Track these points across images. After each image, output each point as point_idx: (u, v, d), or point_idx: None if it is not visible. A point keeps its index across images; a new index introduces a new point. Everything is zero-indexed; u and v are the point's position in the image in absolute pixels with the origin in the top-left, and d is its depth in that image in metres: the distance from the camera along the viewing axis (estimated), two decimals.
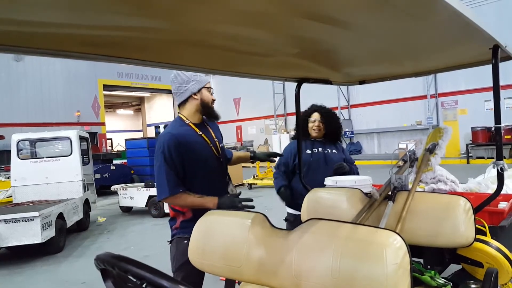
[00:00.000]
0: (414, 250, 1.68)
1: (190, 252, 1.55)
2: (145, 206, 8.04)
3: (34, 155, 7.40)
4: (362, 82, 2.66)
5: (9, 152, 7.21)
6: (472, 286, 1.71)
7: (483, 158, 13.53)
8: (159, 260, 2.33)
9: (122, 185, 9.29)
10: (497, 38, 1.61)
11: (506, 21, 13.12)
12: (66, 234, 6.14)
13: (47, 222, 5.32)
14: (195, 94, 2.15)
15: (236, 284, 1.69)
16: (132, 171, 12.62)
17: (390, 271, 1.07)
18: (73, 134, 7.31)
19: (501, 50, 1.73)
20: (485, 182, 2.92)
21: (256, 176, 11.46)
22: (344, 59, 2.01)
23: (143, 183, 8.90)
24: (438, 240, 1.72)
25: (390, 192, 1.97)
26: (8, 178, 8.58)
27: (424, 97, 16.70)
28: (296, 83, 2.53)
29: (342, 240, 1.22)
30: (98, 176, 10.77)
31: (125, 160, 13.79)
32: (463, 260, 1.87)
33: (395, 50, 1.82)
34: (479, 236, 1.76)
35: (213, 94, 2.24)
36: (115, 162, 13.20)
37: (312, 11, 1.18)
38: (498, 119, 1.83)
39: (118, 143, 24.33)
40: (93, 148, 11.26)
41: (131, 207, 8.65)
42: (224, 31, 1.33)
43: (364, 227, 1.26)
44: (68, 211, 6.24)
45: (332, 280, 1.16)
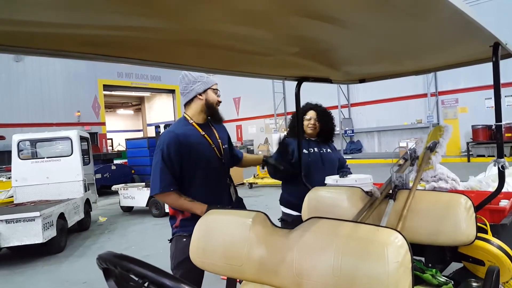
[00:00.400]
0: (415, 248, 1.68)
1: (191, 251, 1.55)
2: (145, 206, 8.06)
3: (34, 156, 7.41)
4: (362, 81, 2.65)
5: (9, 152, 7.23)
6: (474, 284, 1.71)
7: (483, 156, 13.52)
8: (160, 260, 2.33)
9: (123, 185, 9.30)
10: (497, 35, 1.61)
11: (506, 18, 13.07)
12: (67, 234, 6.14)
13: (48, 222, 5.33)
14: (201, 94, 2.17)
15: (238, 283, 1.69)
16: (132, 171, 12.64)
17: (392, 270, 1.07)
18: (73, 134, 7.32)
19: (501, 48, 1.73)
20: (486, 180, 2.91)
21: (256, 175, 11.48)
22: (344, 58, 2.01)
23: (143, 183, 8.92)
24: (439, 238, 1.72)
25: (391, 191, 1.97)
26: (9, 178, 8.58)
27: (425, 95, 16.68)
28: (296, 82, 2.53)
29: (343, 238, 1.21)
30: (98, 176, 10.78)
31: (125, 160, 13.82)
32: (464, 258, 1.87)
33: (395, 48, 1.82)
34: (480, 234, 1.75)
35: (219, 96, 2.26)
36: (115, 162, 13.23)
37: (312, 11, 1.18)
38: (499, 117, 1.84)
39: (119, 143, 24.37)
40: (93, 148, 11.28)
41: (132, 207, 8.67)
42: (224, 30, 1.33)
43: (365, 226, 1.25)
44: (69, 211, 6.25)
45: (333, 278, 1.16)
